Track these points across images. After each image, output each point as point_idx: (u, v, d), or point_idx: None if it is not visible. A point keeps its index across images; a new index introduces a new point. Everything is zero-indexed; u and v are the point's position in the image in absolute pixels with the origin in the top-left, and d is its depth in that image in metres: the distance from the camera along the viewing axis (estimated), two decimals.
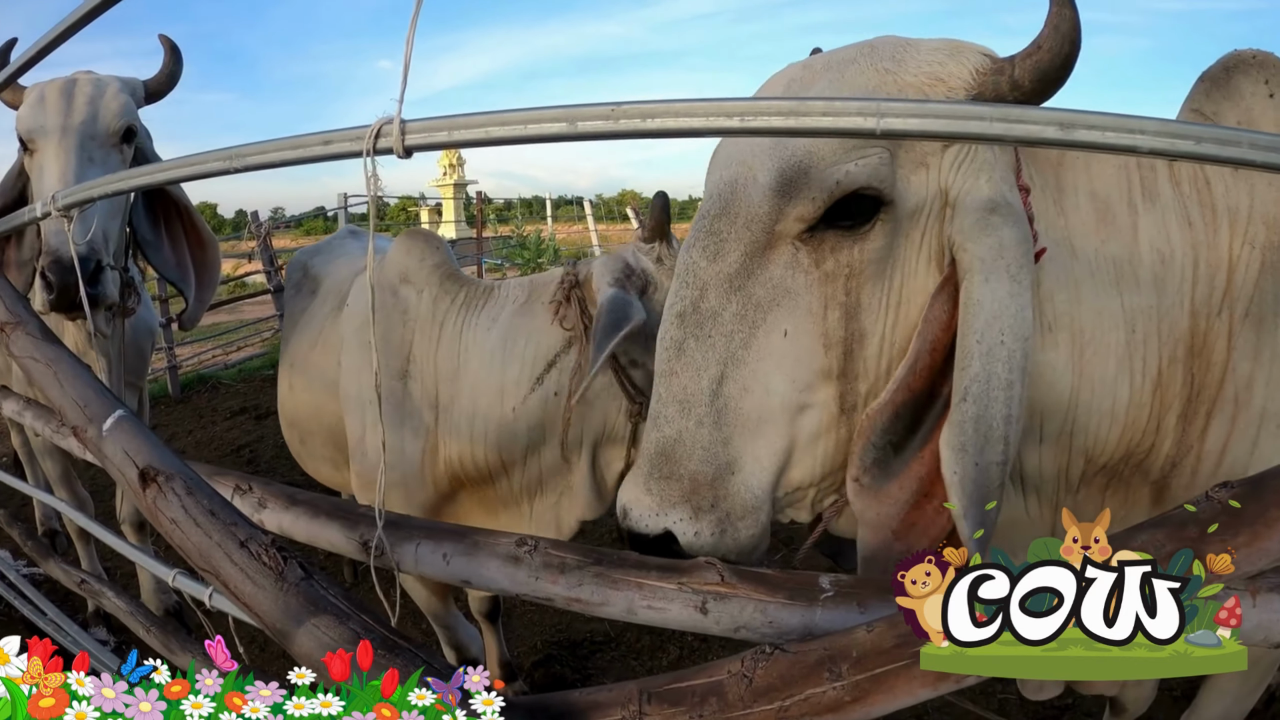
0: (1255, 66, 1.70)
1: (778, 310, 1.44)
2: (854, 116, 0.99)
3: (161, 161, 2.11)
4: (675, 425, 1.48)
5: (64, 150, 2.95)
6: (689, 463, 1.46)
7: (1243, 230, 1.60)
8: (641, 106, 1.03)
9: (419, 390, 2.76)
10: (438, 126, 1.19)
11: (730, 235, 1.45)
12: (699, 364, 1.47)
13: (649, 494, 1.49)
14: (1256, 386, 1.61)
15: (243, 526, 1.46)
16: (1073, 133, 1.00)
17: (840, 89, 1.41)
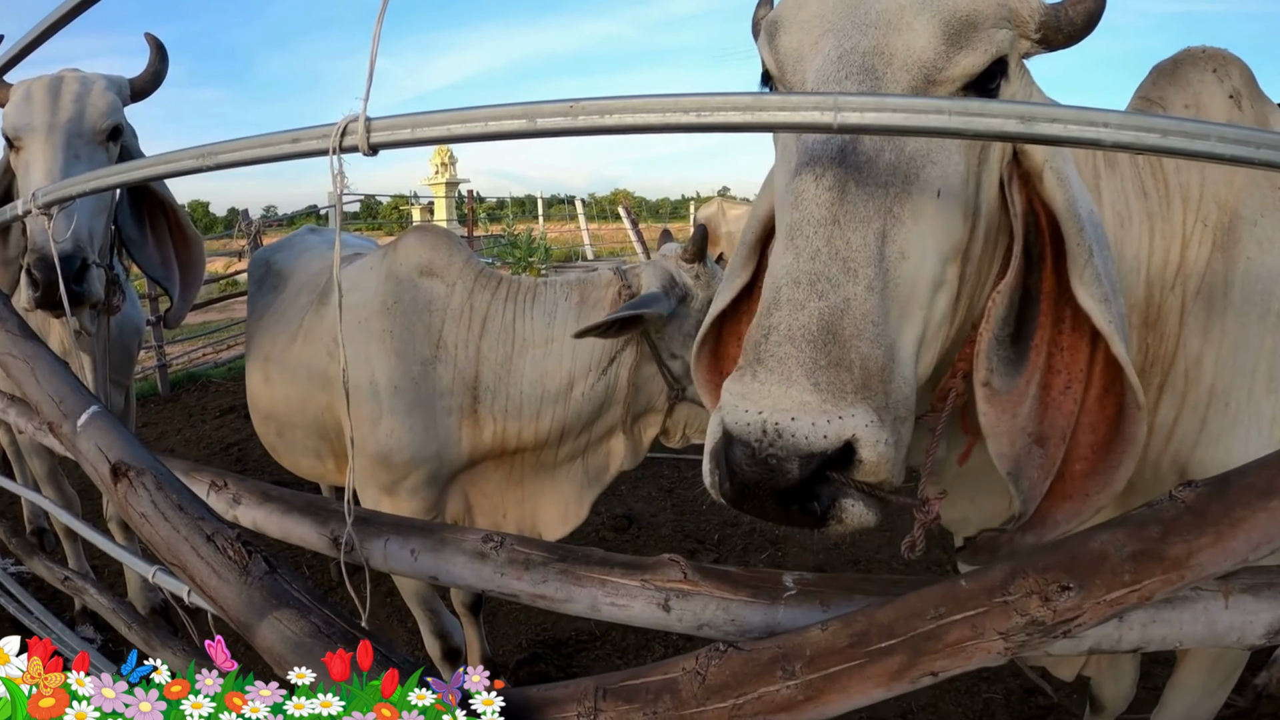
0: (1204, 58, 1.79)
1: (932, 167, 1.29)
2: (811, 111, 0.99)
3: (136, 160, 2.12)
4: (842, 290, 1.18)
5: (50, 148, 2.95)
6: (861, 343, 1.17)
7: (1195, 208, 1.66)
8: (599, 103, 1.04)
9: (449, 374, 3.01)
10: (401, 124, 1.20)
11: (888, 75, 1.29)
12: (863, 213, 1.23)
13: (816, 390, 1.12)
14: (1206, 364, 1.66)
15: (210, 521, 1.47)
16: (1034, 126, 0.99)
17: None
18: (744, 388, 1.15)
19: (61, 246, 2.71)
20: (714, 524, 5.42)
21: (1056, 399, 1.43)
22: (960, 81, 1.31)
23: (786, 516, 1.15)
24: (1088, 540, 1.04)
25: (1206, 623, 1.19)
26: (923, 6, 1.30)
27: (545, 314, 3.06)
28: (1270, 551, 1.03)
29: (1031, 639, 1.01)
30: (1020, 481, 1.40)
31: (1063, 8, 1.39)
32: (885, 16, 1.31)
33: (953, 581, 1.07)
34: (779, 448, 1.10)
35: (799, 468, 1.10)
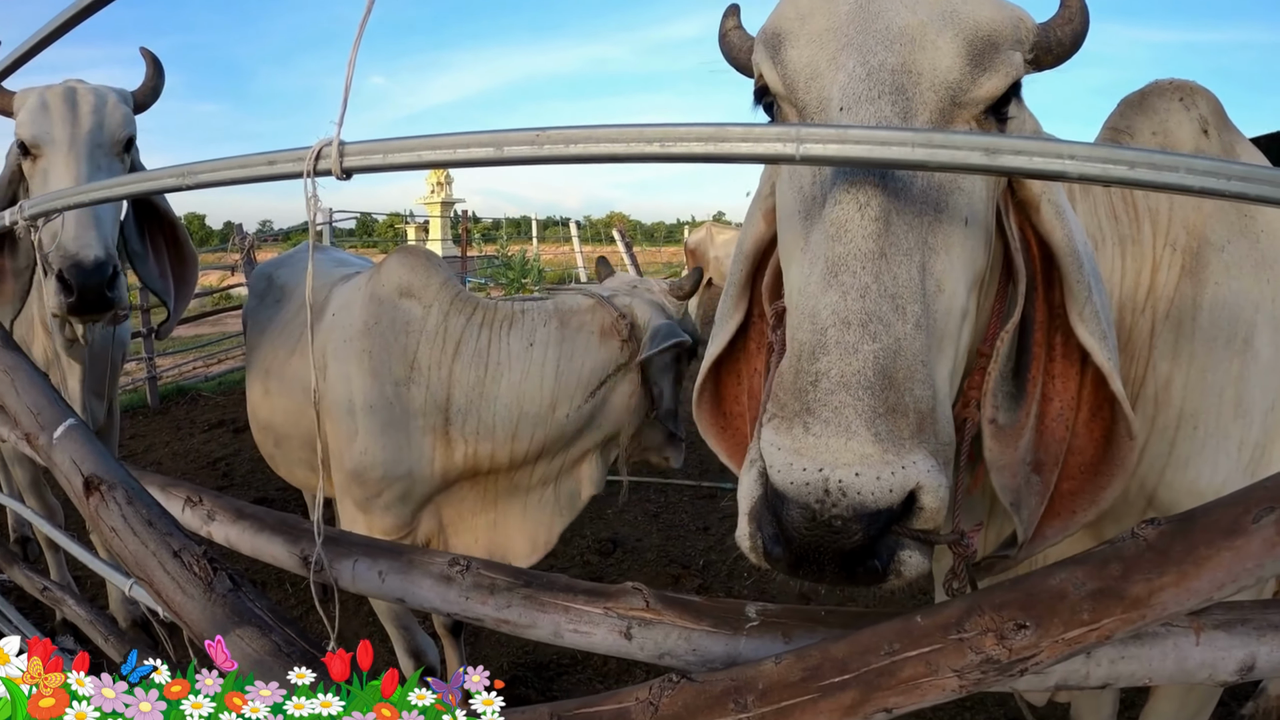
0: (1171, 89, 1.82)
1: (959, 194, 1.25)
2: (773, 142, 0.99)
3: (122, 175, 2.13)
4: (894, 331, 1.11)
5: (74, 159, 2.98)
6: (914, 385, 1.10)
7: (1164, 231, 1.68)
8: (564, 132, 1.04)
9: (423, 395, 3.01)
10: (374, 150, 1.20)
11: (917, 96, 1.24)
12: (906, 245, 1.16)
13: (877, 440, 1.04)
14: (1174, 387, 1.67)
15: (177, 537, 1.47)
16: (998, 158, 0.98)
17: None
18: (795, 442, 1.07)
19: (95, 253, 2.81)
20: (699, 549, 5.41)
21: (1051, 426, 1.43)
22: (983, 104, 1.29)
23: (849, 578, 1.07)
24: (1046, 578, 1.03)
25: (1177, 659, 1.18)
26: (944, 23, 1.27)
27: (523, 338, 3.08)
28: (1236, 590, 1.03)
29: (987, 676, 1.01)
30: (1021, 511, 1.39)
31: (1051, 29, 1.38)
32: (908, 32, 1.27)
33: (908, 618, 1.07)
34: (844, 507, 1.02)
35: (866, 527, 1.02)
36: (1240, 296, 1.68)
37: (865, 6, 1.31)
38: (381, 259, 3.44)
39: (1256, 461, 1.75)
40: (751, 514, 1.12)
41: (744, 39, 1.57)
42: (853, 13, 1.31)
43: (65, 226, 2.80)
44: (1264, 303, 1.70)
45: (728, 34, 1.61)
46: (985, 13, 1.29)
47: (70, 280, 2.80)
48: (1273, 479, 1.07)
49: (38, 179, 3.03)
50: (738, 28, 1.61)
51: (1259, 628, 1.18)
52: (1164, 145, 1.79)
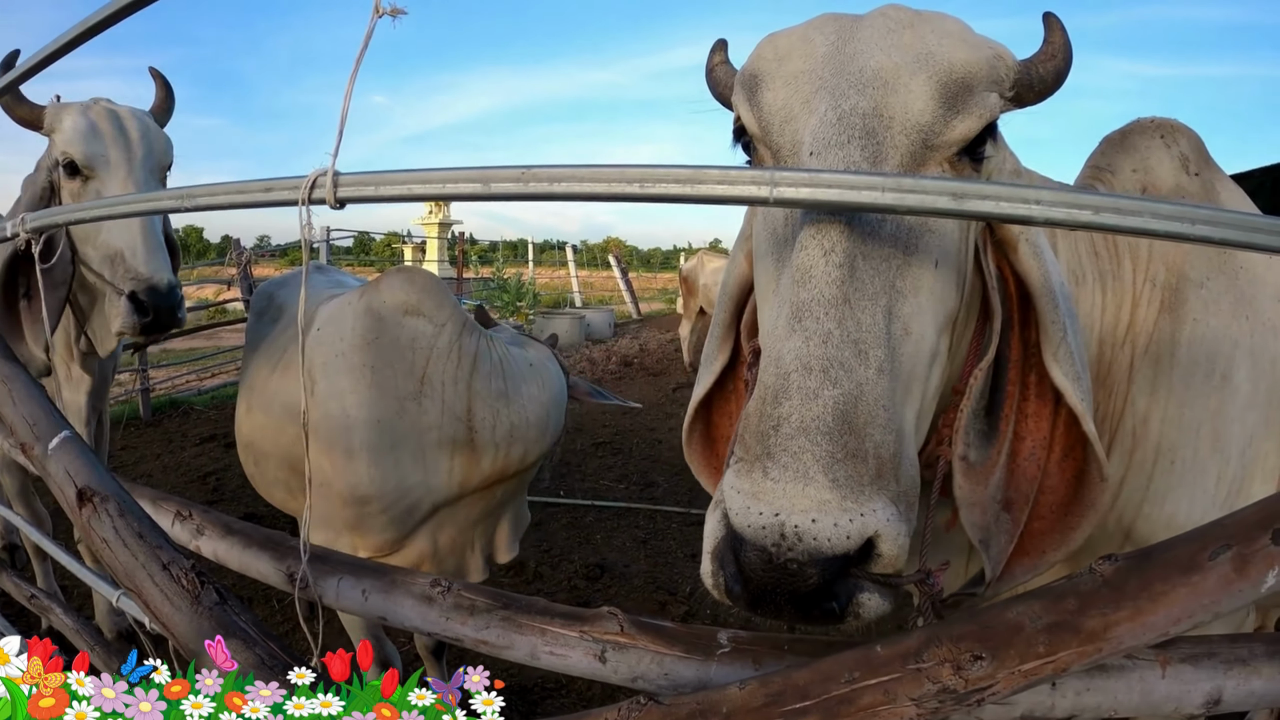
0: (1152, 127, 1.86)
1: (930, 236, 1.26)
2: (748, 185, 1.03)
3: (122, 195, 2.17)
4: (855, 376, 1.12)
5: (133, 184, 3.10)
6: (874, 430, 1.11)
7: (1144, 267, 1.70)
8: (550, 171, 1.08)
9: (437, 409, 3.12)
10: (366, 181, 1.24)
11: (888, 140, 1.26)
12: (871, 290, 1.17)
13: (835, 486, 1.05)
14: (1152, 422, 1.69)
15: (167, 550, 1.50)
16: (965, 203, 1.01)
17: (967, 33, 1.38)
18: (754, 485, 1.08)
19: (168, 277, 3.06)
20: (686, 576, 5.42)
21: (1023, 465, 1.46)
22: (956, 146, 1.31)
23: (805, 618, 1.08)
24: (1004, 611, 1.07)
25: (1142, 692, 1.21)
26: (918, 66, 1.30)
27: (525, 357, 3.42)
28: (1193, 625, 1.06)
29: (944, 706, 1.04)
30: (990, 549, 1.41)
31: (1033, 65, 1.41)
32: (881, 76, 1.29)
33: (869, 647, 1.10)
34: (799, 552, 1.03)
35: (820, 572, 1.04)
36: (1218, 332, 1.72)
37: (841, 49, 1.34)
38: (377, 277, 3.50)
39: (1234, 496, 1.77)
40: (714, 553, 1.13)
41: (729, 74, 1.59)
42: (829, 55, 1.35)
43: (135, 253, 3.01)
44: (1242, 339, 1.73)
45: (714, 69, 1.63)
46: (960, 55, 1.32)
47: (146, 302, 3.01)
48: (1230, 517, 1.10)
49: (88, 200, 3.08)
50: (724, 63, 1.63)
51: (1226, 661, 1.21)
52: (1145, 183, 1.84)
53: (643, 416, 10.38)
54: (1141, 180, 1.85)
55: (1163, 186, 1.84)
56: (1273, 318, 1.78)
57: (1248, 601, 1.06)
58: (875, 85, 1.29)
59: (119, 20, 1.70)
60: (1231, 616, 1.81)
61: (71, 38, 1.88)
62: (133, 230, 3.03)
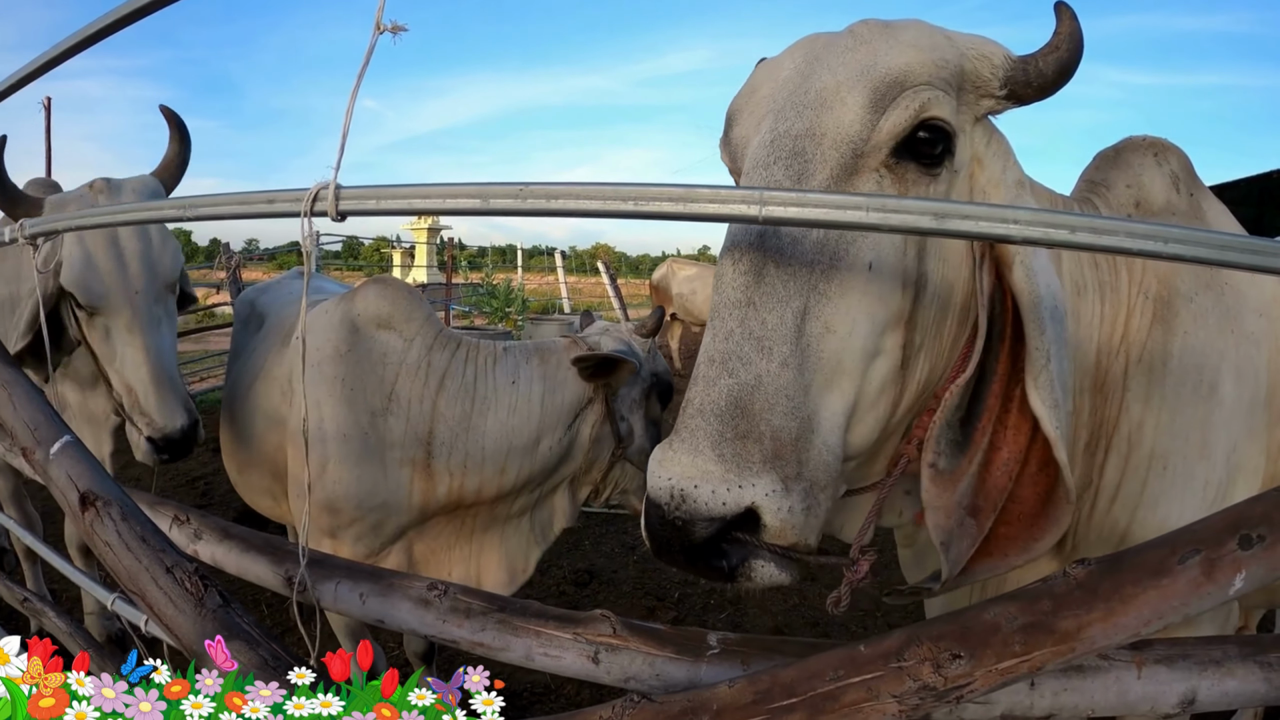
0: (1145, 145, 1.91)
1: (863, 240, 1.33)
2: (739, 204, 1.07)
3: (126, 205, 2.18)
4: (753, 368, 1.25)
5: (137, 324, 3.01)
6: (772, 416, 1.23)
7: (1139, 279, 1.75)
8: (546, 188, 1.12)
9: (402, 427, 3.05)
10: (368, 195, 1.27)
11: (817, 155, 1.34)
12: (781, 294, 1.29)
13: (720, 460, 1.20)
14: (1146, 428, 1.74)
15: (170, 554, 1.53)
16: (946, 222, 1.04)
17: (920, 36, 1.43)
18: (662, 455, 1.24)
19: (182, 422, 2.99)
20: (675, 582, 5.46)
21: (995, 474, 1.51)
22: (886, 148, 1.36)
23: (697, 570, 1.23)
24: (981, 612, 1.11)
25: (1118, 692, 1.25)
26: (857, 79, 1.36)
27: (508, 374, 3.19)
28: (1163, 625, 1.10)
29: (924, 703, 1.09)
30: (950, 551, 1.47)
31: (1032, 60, 1.44)
32: (823, 95, 1.37)
33: (852, 647, 1.14)
34: (684, 511, 1.18)
35: (701, 529, 1.18)
36: (1206, 345, 1.77)
37: (803, 71, 1.42)
38: (356, 286, 3.46)
39: (1219, 501, 1.81)
40: (645, 511, 1.27)
41: None
42: (790, 78, 1.42)
43: (147, 397, 2.95)
44: (1228, 352, 1.79)
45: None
46: (899, 59, 1.38)
47: (162, 445, 2.98)
48: (1199, 524, 1.14)
49: (97, 333, 3.04)
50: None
51: (1200, 663, 1.25)
52: (1138, 197, 1.89)
53: None
54: (1135, 195, 1.90)
55: (1154, 201, 1.89)
56: (1254, 331, 1.84)
57: (1216, 604, 1.10)
58: (815, 106, 1.37)
59: (110, 34, 1.72)
60: (1214, 618, 1.87)
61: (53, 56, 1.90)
62: (141, 373, 2.99)
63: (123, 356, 3.00)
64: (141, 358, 2.97)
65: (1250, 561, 1.07)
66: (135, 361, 2.97)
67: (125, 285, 2.99)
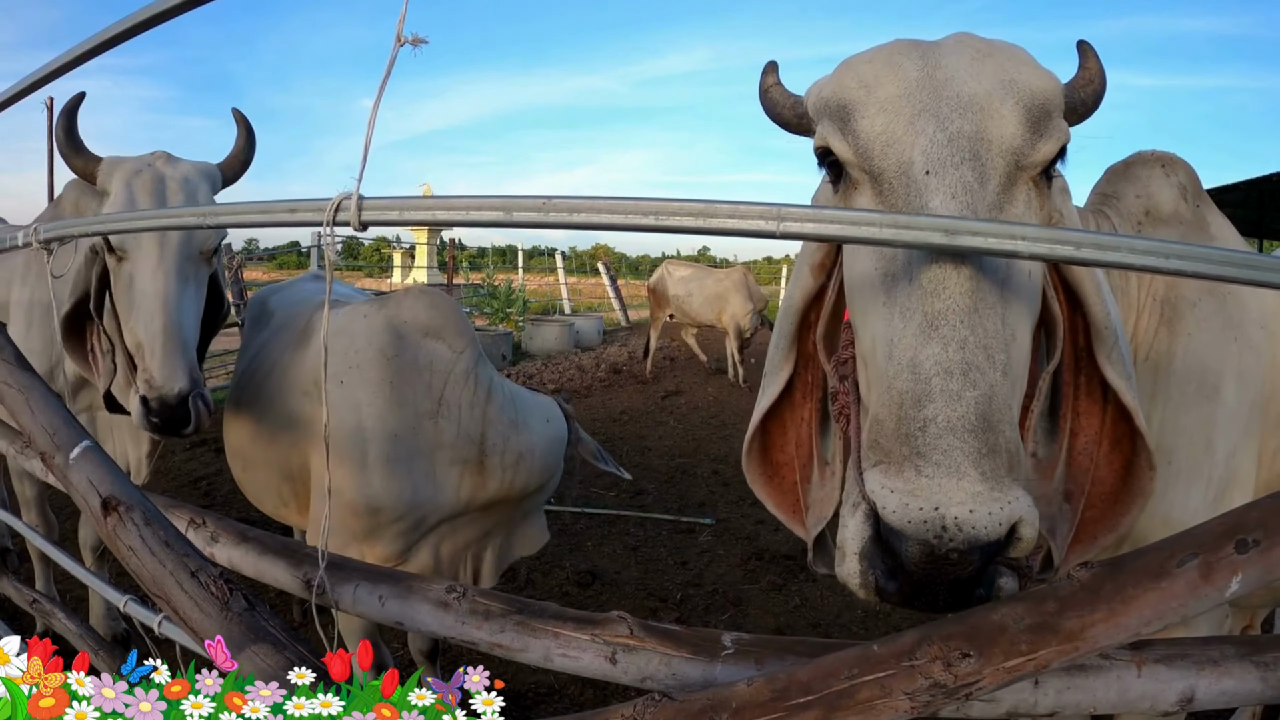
0: (1154, 159, 2.01)
1: None
2: (757, 219, 1.11)
3: (142, 211, 2.21)
4: (988, 377, 1.22)
5: (162, 275, 2.86)
6: (1005, 427, 1.22)
7: (1148, 284, 1.85)
8: (569, 201, 1.16)
9: (454, 430, 3.23)
10: (391, 206, 1.31)
11: (989, 162, 1.37)
12: (991, 300, 1.28)
13: (984, 479, 1.16)
14: (1153, 424, 1.81)
15: (194, 558, 1.56)
16: (956, 239, 1.09)
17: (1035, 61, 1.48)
18: (908, 484, 1.17)
19: (179, 385, 2.79)
20: (677, 583, 5.49)
21: (1078, 458, 1.58)
22: (1040, 167, 1.41)
23: (957, 605, 1.19)
24: (989, 613, 1.15)
25: (1119, 690, 1.29)
26: (1006, 92, 1.40)
27: (531, 395, 3.63)
28: (1163, 626, 1.14)
29: (935, 700, 1.13)
30: (1056, 537, 1.52)
31: (1075, 89, 1.53)
32: (977, 101, 1.39)
33: (866, 646, 1.18)
34: (960, 541, 1.12)
35: (979, 559, 1.14)
36: (1209, 348, 1.85)
37: (932, 74, 1.44)
38: (395, 292, 3.60)
39: (1219, 499, 1.89)
40: (862, 553, 1.21)
41: (786, 96, 1.68)
42: (922, 80, 1.44)
43: (152, 353, 2.80)
44: (1229, 356, 1.87)
45: (769, 91, 1.72)
46: (1039, 82, 1.43)
47: (155, 408, 2.80)
48: (1198, 528, 1.19)
49: (122, 282, 2.93)
50: (777, 84, 1.72)
51: (1198, 662, 1.29)
52: (1148, 208, 1.98)
53: (632, 424, 10.45)
54: (1144, 204, 1.99)
55: (1163, 210, 1.98)
56: (1256, 340, 1.92)
57: (1214, 605, 1.14)
58: (974, 110, 1.39)
59: (125, 40, 1.75)
60: (1210, 620, 1.93)
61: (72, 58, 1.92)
62: (154, 325, 2.82)
63: (139, 307, 2.85)
64: (157, 306, 2.82)
65: (1246, 565, 1.12)
66: (149, 310, 2.82)
67: (158, 235, 2.86)
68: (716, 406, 11.90)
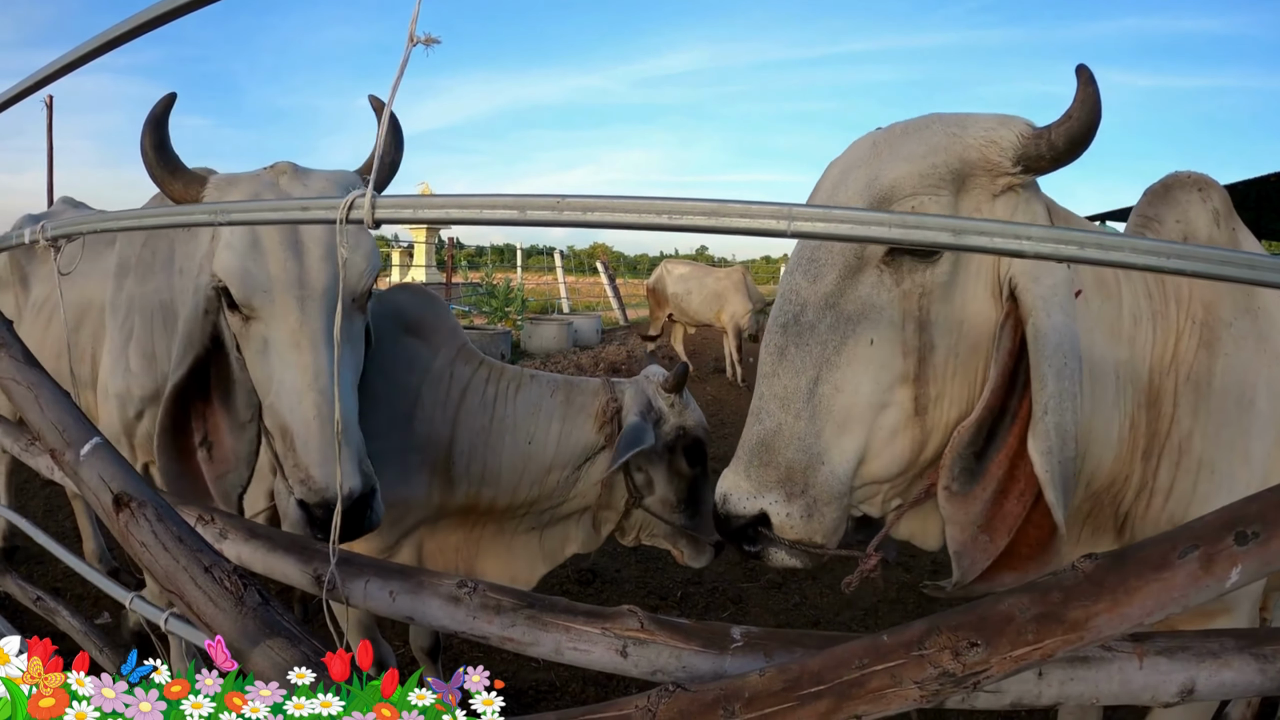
0: (1190, 183, 2.14)
1: (865, 322, 1.69)
2: (768, 219, 1.13)
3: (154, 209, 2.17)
4: (775, 419, 1.71)
5: (307, 336, 2.22)
6: (785, 451, 1.69)
7: (1186, 307, 1.96)
8: (583, 200, 1.17)
9: (425, 431, 3.12)
10: (404, 204, 1.32)
11: (827, 261, 1.72)
12: (798, 367, 1.70)
13: (747, 479, 1.71)
14: (1195, 438, 1.95)
15: (207, 553, 1.58)
16: (964, 238, 1.11)
17: (918, 145, 1.71)
18: (725, 471, 1.77)
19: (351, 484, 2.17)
20: (677, 581, 5.52)
21: (1010, 501, 1.71)
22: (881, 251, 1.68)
23: (736, 547, 1.77)
24: (996, 603, 1.17)
25: (1121, 681, 1.31)
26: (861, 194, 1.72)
27: (530, 403, 3.24)
28: (1165, 616, 1.17)
29: (944, 688, 1.15)
30: (962, 560, 1.69)
31: (1045, 134, 1.61)
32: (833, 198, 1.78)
33: (876, 637, 1.21)
34: (725, 509, 1.74)
35: (735, 522, 1.73)
36: (1244, 364, 1.98)
37: (834, 180, 1.83)
38: (382, 290, 3.49)
39: None
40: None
41: None
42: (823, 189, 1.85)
43: (305, 444, 2.18)
44: (1262, 370, 2.00)
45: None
46: (890, 174, 1.70)
47: (321, 516, 2.18)
48: (1198, 521, 1.21)
49: (253, 347, 2.30)
50: None
51: (1199, 654, 1.31)
52: (1185, 232, 2.11)
53: None
54: (1183, 230, 2.12)
55: (1199, 235, 2.11)
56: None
57: (1214, 595, 1.17)
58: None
59: (132, 39, 1.75)
60: (1249, 601, 2.08)
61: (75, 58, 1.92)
62: (303, 407, 2.18)
63: (280, 381, 2.23)
64: (305, 383, 2.19)
65: (1246, 556, 1.14)
66: (294, 387, 2.20)
67: (299, 280, 2.23)
68: (715, 405, 11.92)
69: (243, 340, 2.33)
